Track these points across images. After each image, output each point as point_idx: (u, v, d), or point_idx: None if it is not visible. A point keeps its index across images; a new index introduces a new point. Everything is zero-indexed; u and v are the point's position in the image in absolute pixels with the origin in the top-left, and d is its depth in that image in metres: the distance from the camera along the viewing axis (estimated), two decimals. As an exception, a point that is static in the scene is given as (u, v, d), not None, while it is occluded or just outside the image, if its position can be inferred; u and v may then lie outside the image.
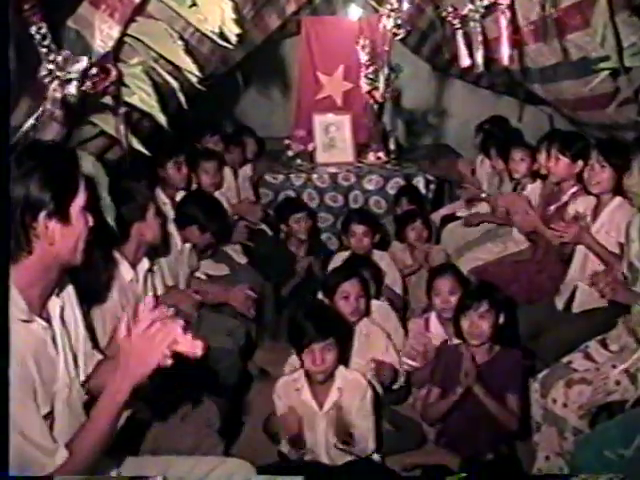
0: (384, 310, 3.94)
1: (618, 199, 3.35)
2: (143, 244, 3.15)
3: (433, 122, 7.31)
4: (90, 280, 2.02)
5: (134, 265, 3.10)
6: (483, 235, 4.79)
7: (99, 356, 2.15)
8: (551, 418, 2.87)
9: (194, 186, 4.73)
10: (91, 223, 1.91)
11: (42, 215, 1.77)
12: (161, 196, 4.14)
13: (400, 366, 3.58)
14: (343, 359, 3.11)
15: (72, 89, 2.30)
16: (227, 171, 5.20)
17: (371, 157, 5.77)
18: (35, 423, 1.76)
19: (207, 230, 3.98)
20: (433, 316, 3.75)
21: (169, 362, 1.78)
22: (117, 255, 3.00)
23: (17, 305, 1.76)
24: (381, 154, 5.75)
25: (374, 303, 3.91)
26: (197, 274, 4.00)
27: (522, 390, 3.10)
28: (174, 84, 2.88)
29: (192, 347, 1.79)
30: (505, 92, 6.65)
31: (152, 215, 3.17)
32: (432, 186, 5.51)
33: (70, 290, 2.04)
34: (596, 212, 3.46)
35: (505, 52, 2.69)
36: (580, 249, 3.45)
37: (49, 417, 1.85)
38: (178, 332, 1.78)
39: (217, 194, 4.76)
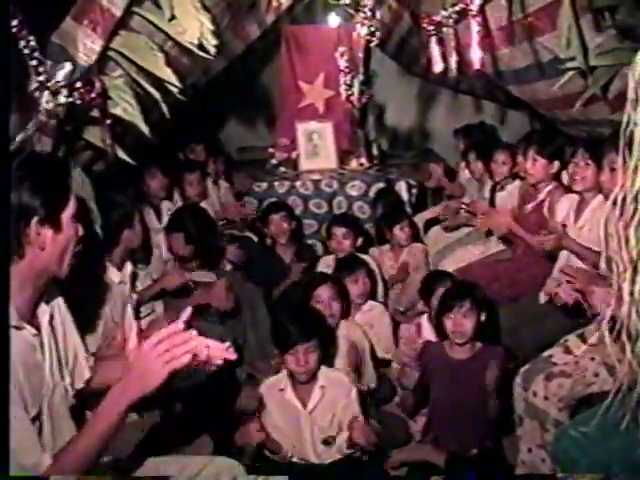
0: (379, 310, 4.04)
1: (600, 197, 3.37)
2: (129, 250, 3.28)
3: (417, 127, 7.42)
4: (81, 285, 2.07)
5: (120, 269, 3.21)
6: (465, 237, 4.85)
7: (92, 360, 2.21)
8: (533, 411, 2.91)
9: (177, 196, 4.82)
10: (81, 233, 1.99)
11: (34, 221, 1.84)
12: (145, 205, 4.22)
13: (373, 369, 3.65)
14: (326, 360, 3.16)
15: (62, 98, 2.37)
16: (208, 182, 5.29)
17: (354, 163, 5.82)
18: (21, 429, 1.79)
19: (192, 242, 4.06)
20: (424, 320, 3.79)
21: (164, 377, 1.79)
22: (105, 260, 3.10)
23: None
24: (364, 160, 5.81)
25: (369, 303, 4.01)
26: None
27: (503, 385, 3.16)
28: (156, 95, 2.95)
29: (222, 352, 1.90)
30: (485, 96, 6.75)
31: (137, 222, 3.30)
32: (414, 190, 5.57)
33: (59, 300, 2.09)
34: (579, 210, 3.51)
35: (476, 56, 2.77)
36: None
37: (37, 420, 1.89)
38: (202, 341, 1.84)
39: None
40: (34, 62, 2.30)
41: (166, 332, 1.80)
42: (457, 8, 3.08)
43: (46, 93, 2.36)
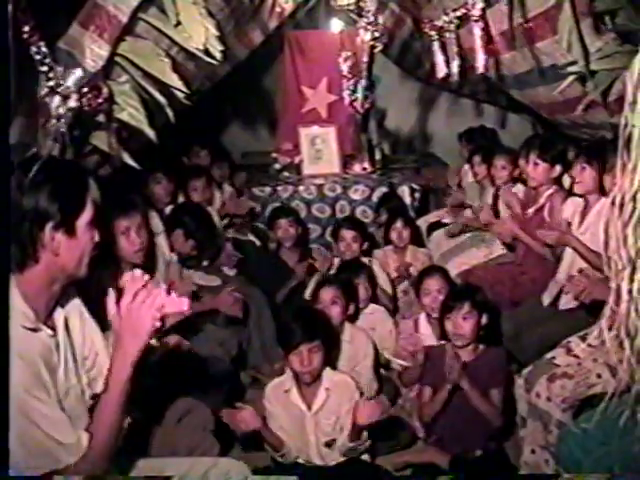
0: (380, 314, 4.03)
1: (603, 200, 3.38)
2: None
3: (419, 132, 7.44)
4: (92, 285, 2.10)
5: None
6: (468, 240, 4.86)
7: None
8: (536, 412, 2.92)
9: (181, 200, 4.84)
10: (97, 239, 1.99)
11: (48, 226, 1.85)
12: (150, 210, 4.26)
13: (373, 376, 3.61)
14: (330, 362, 3.19)
15: (72, 103, 2.40)
16: (214, 187, 5.31)
17: (357, 168, 5.83)
18: (54, 418, 1.83)
19: (192, 236, 4.10)
20: (422, 317, 3.83)
21: (158, 324, 1.85)
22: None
23: (24, 313, 1.83)
24: (366, 164, 5.82)
25: (371, 306, 4.01)
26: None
27: (505, 386, 3.19)
28: (162, 100, 2.97)
29: (178, 305, 1.88)
30: (487, 100, 6.78)
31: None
32: (417, 194, 5.58)
33: (76, 302, 2.11)
34: (583, 214, 3.53)
35: (480, 60, 2.79)
36: (569, 248, 3.53)
37: None
38: (163, 295, 1.85)
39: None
40: (45, 68, 2.33)
41: (136, 286, 1.86)
42: (458, 13, 3.11)
43: (56, 98, 2.39)
